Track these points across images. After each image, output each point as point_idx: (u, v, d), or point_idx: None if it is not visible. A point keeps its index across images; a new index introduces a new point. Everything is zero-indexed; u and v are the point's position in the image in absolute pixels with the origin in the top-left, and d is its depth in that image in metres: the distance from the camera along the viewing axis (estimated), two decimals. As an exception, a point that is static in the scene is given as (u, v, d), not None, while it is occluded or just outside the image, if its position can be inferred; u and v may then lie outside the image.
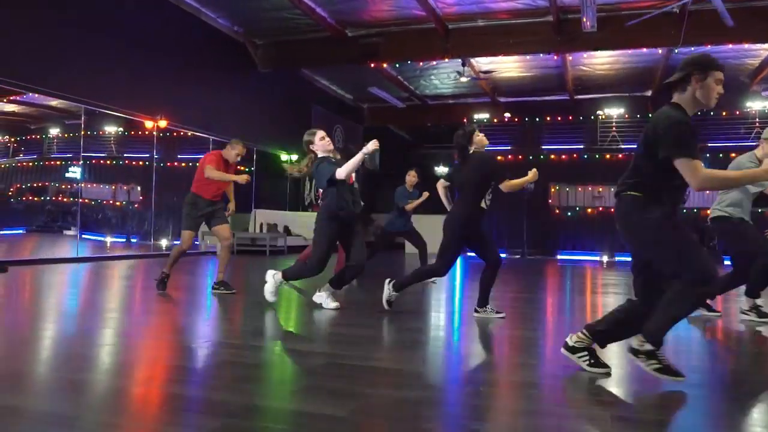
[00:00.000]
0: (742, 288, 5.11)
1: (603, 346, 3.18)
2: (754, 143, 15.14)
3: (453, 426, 2.33)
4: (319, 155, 5.27)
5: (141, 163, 16.88)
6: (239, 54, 13.86)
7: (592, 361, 3.10)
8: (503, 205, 13.03)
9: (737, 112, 15.50)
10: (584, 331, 3.13)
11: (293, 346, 3.80)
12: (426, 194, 8.00)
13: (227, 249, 6.17)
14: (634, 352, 2.90)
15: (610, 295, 7.39)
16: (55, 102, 15.81)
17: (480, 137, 4.85)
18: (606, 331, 3.12)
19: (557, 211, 16.34)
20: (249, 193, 15.41)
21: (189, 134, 14.11)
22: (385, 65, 14.66)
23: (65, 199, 17.88)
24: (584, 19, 11.08)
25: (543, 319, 5.34)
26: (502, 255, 7.16)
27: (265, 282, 5.10)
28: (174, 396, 2.59)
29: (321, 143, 5.34)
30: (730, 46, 12.29)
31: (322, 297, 5.12)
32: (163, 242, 13.50)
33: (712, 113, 15.57)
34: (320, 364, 3.23)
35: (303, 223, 14.59)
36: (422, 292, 6.75)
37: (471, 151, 4.82)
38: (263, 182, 15.90)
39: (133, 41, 10.76)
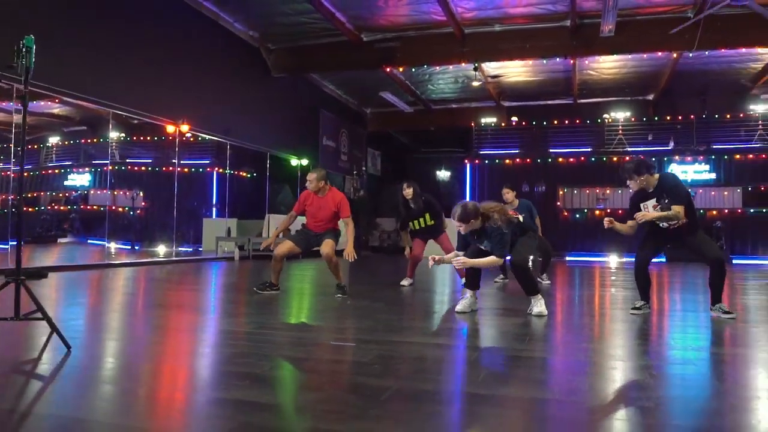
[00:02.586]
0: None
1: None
2: (756, 145, 15.62)
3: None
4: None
5: (144, 168, 16.80)
6: (254, 59, 13.87)
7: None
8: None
9: (741, 115, 15.89)
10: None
11: (438, 341, 3.88)
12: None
13: (328, 260, 6.14)
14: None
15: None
16: (56, 109, 15.65)
17: None
18: None
19: (565, 213, 16.57)
20: (262, 198, 15.40)
21: (191, 139, 14.00)
22: (401, 69, 14.76)
23: (62, 208, 17.65)
24: (604, 24, 11.31)
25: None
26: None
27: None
28: (422, 392, 2.64)
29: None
30: (743, 50, 12.67)
31: (539, 305, 4.92)
32: (161, 249, 13.23)
33: (716, 116, 15.98)
34: (521, 356, 3.32)
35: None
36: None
37: None
38: (276, 187, 15.87)
39: (154, 45, 10.73)
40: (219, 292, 7.24)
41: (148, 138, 16.03)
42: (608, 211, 16.11)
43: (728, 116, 15.94)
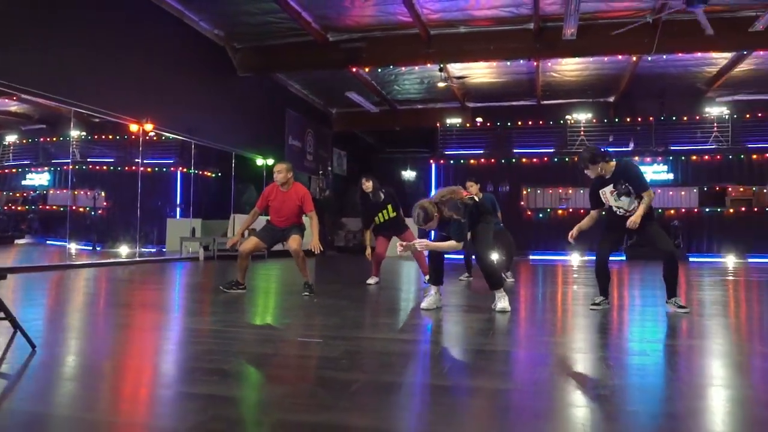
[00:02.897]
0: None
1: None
2: (711, 146, 16.07)
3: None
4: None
5: (106, 167, 16.55)
6: (220, 58, 13.77)
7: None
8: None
9: (697, 117, 16.35)
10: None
11: (404, 336, 3.95)
12: None
13: (295, 255, 6.24)
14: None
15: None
16: (14, 107, 15.30)
17: None
18: None
19: (529, 213, 16.83)
20: (227, 198, 15.29)
21: (155, 138, 13.81)
22: (367, 69, 14.81)
23: (20, 208, 17.26)
24: (566, 27, 11.54)
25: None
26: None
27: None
28: (388, 384, 2.69)
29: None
30: (699, 54, 13.06)
31: (502, 300, 5.04)
32: (124, 249, 12.95)
33: (674, 118, 16.42)
34: (485, 350, 3.42)
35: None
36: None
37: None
38: (241, 187, 15.77)
39: (118, 43, 10.60)
40: (184, 292, 7.20)
41: (111, 137, 15.79)
42: (570, 210, 16.41)
43: (685, 118, 16.39)
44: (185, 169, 15.07)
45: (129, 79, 10.84)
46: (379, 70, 15.12)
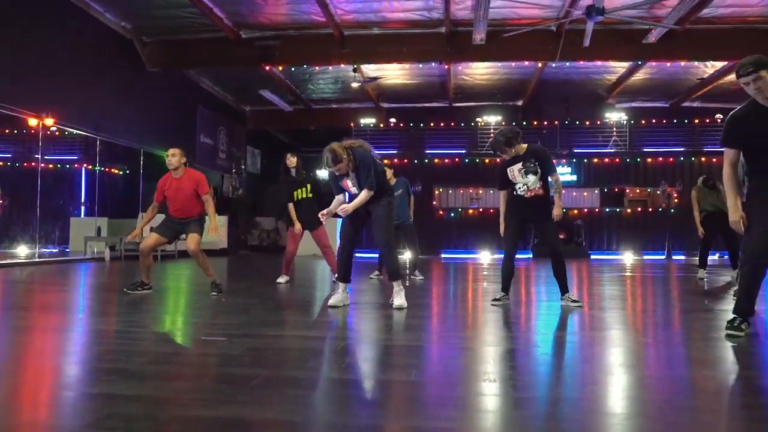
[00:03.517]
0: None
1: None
2: (611, 150, 16.95)
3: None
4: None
5: (1, 163, 15.69)
6: (127, 52, 13.34)
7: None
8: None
9: (598, 122, 17.25)
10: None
11: (309, 333, 4.00)
12: None
13: (194, 256, 6.15)
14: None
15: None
16: None
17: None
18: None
19: (441, 212, 17.23)
20: (135, 196, 14.82)
21: (57, 133, 13.21)
22: (280, 68, 14.72)
23: None
24: (475, 33, 11.92)
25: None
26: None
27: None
28: (289, 379, 2.74)
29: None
30: (599, 63, 13.79)
31: (399, 298, 5.15)
32: (22, 250, 12.27)
33: (577, 122, 17.25)
34: (392, 345, 3.48)
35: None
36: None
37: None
38: (151, 185, 15.31)
39: (15, 33, 10.11)
40: (88, 293, 6.96)
41: (8, 131, 14.99)
42: (480, 210, 16.92)
43: (587, 123, 17.27)
44: (90, 166, 14.51)
45: (27, 71, 10.34)
46: (293, 69, 15.07)
